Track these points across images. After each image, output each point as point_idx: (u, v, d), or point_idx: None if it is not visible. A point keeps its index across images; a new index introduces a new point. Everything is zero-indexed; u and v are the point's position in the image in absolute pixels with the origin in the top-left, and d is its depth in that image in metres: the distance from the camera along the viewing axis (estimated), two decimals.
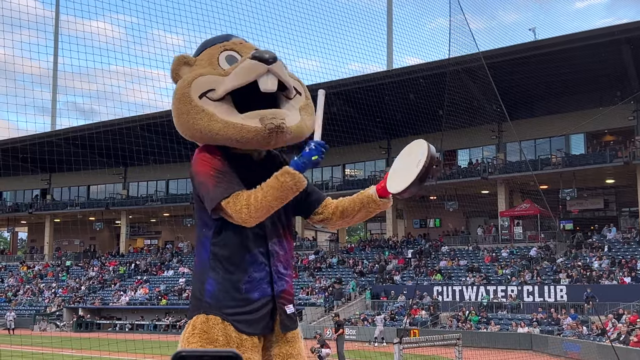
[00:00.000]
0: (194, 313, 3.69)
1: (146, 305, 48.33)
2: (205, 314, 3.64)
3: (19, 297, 55.14)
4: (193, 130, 3.73)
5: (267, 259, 3.75)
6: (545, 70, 38.83)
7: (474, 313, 35.54)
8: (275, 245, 3.80)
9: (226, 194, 3.52)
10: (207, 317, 3.63)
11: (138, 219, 64.43)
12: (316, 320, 39.65)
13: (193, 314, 3.69)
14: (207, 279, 3.68)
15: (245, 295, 3.67)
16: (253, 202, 3.49)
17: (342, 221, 3.90)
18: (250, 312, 3.66)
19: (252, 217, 3.51)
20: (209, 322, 3.63)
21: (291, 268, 3.95)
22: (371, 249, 50.08)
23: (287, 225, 3.92)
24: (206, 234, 3.74)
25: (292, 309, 3.86)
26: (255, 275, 3.69)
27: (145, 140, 40.89)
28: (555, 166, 42.39)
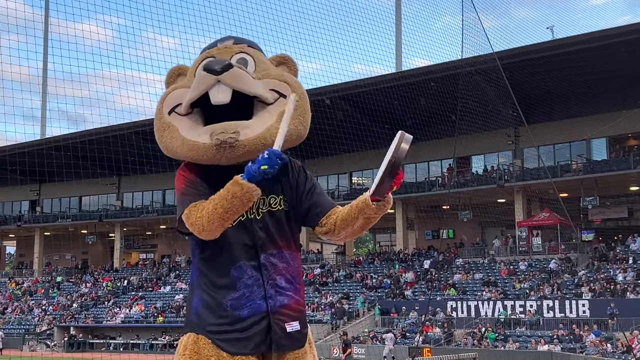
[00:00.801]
0: (184, 331, 3.76)
1: (142, 323, 48.23)
2: (196, 333, 3.66)
3: (7, 315, 55.14)
4: (162, 147, 3.86)
5: (260, 272, 3.69)
6: (564, 70, 38.77)
7: (490, 330, 35.37)
8: (272, 257, 3.74)
9: (185, 207, 3.58)
10: (197, 336, 3.65)
11: (133, 232, 64.44)
12: (322, 338, 39.51)
13: (183, 332, 3.77)
14: (194, 296, 3.72)
15: (231, 312, 3.63)
16: (205, 213, 3.49)
17: (344, 232, 3.79)
18: (239, 330, 3.62)
19: (205, 230, 3.51)
20: (200, 341, 3.64)
21: (298, 281, 3.87)
22: (380, 261, 49.96)
23: (291, 236, 3.86)
24: (194, 251, 3.77)
25: (295, 327, 3.76)
26: (243, 291, 3.65)
27: (140, 149, 40.90)
28: (575, 173, 42.26)
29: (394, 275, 45.45)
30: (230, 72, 3.62)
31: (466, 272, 43.76)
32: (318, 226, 3.87)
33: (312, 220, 3.87)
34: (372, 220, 3.69)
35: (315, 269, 50.06)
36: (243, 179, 3.41)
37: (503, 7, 56.54)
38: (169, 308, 48.74)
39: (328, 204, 3.89)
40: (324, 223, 3.84)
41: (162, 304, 49.87)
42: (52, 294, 57.68)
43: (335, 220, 3.80)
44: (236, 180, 3.43)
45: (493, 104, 37.55)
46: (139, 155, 38.67)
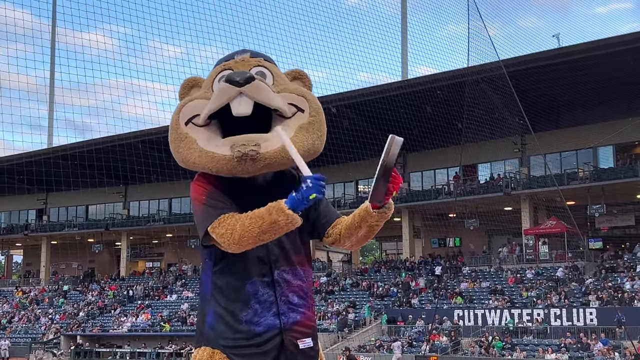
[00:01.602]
0: (198, 345, 3.70)
1: (148, 332, 48.24)
2: (211, 348, 3.62)
3: (13, 324, 55.20)
4: (178, 158, 3.80)
5: (273, 289, 3.70)
6: (571, 78, 38.75)
7: (497, 338, 35.26)
8: (285, 273, 3.75)
9: (212, 219, 3.52)
10: (213, 351, 3.62)
11: (139, 241, 64.49)
12: (329, 347, 39.43)
13: (197, 346, 3.71)
14: (208, 310, 3.68)
15: (246, 327, 3.62)
16: (239, 228, 3.45)
17: (349, 240, 3.80)
18: (255, 345, 3.61)
19: (235, 244, 3.47)
20: (215, 356, 3.61)
21: (310, 297, 3.89)
22: (387, 270, 49.90)
23: (303, 250, 3.87)
24: (208, 263, 3.74)
25: (308, 343, 3.77)
26: (256, 307, 3.65)
27: (146, 158, 41.04)
28: (582, 181, 42.16)
29: (403, 282, 45.37)
30: (253, 85, 3.62)
31: (473, 280, 43.66)
32: (325, 237, 3.90)
33: (319, 231, 3.90)
34: (376, 228, 3.69)
35: (321, 277, 50.02)
36: (288, 207, 3.41)
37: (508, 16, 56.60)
38: (176, 317, 48.75)
39: (333, 214, 3.92)
40: (330, 233, 3.87)
41: (169, 313, 49.89)
42: (57, 303, 57.69)
43: (340, 229, 3.82)
44: (282, 208, 3.41)
45: (499, 111, 37.53)
46: (146, 164, 38.80)
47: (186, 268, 58.62)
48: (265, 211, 3.44)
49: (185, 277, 57.25)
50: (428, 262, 48.90)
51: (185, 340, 44.87)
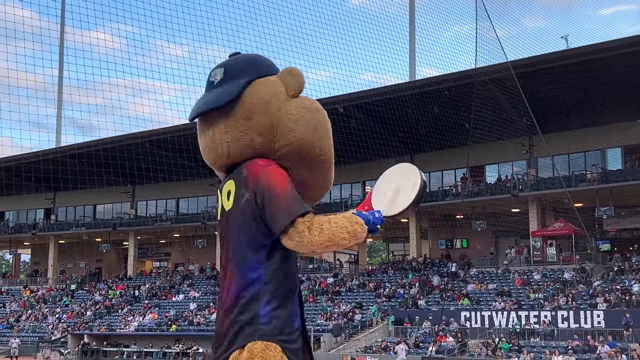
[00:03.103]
0: (248, 340, 3.55)
1: (155, 331, 48.35)
2: (264, 341, 3.54)
3: (21, 322, 55.41)
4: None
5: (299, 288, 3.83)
6: (579, 80, 38.68)
7: (504, 340, 35.20)
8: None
9: (304, 210, 3.47)
10: (266, 344, 3.53)
11: (147, 240, 64.67)
12: (335, 348, 39.46)
13: (247, 341, 3.55)
14: (261, 304, 3.58)
15: (295, 323, 3.68)
16: (326, 230, 3.44)
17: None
18: (296, 341, 3.65)
19: (315, 245, 3.45)
20: (269, 350, 3.52)
21: None
22: (394, 271, 49.88)
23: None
24: (258, 255, 3.62)
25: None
26: (296, 303, 3.74)
27: (154, 157, 41.15)
28: (590, 182, 42.06)
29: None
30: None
31: (480, 282, 43.61)
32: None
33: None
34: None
35: (328, 278, 50.03)
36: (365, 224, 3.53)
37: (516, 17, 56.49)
38: (182, 317, 48.84)
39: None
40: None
41: (175, 313, 49.99)
42: (64, 302, 57.85)
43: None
44: (361, 223, 3.50)
45: (507, 113, 37.47)
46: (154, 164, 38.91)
47: (193, 268, 58.73)
48: (345, 220, 3.49)
49: (192, 277, 57.36)
50: (435, 262, 48.88)
51: (192, 340, 44.97)
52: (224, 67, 3.86)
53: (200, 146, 3.91)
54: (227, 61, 3.92)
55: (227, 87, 3.79)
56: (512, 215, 46.45)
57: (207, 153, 3.89)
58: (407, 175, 3.85)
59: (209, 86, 3.87)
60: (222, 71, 3.85)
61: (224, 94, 3.77)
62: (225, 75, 3.82)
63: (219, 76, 3.83)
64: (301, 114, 3.82)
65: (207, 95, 3.84)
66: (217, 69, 3.88)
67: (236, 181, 3.68)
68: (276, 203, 3.50)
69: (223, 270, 3.76)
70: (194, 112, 3.86)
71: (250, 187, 3.58)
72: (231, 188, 3.70)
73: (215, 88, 3.81)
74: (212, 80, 3.86)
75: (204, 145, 3.88)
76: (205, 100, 3.81)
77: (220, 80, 3.82)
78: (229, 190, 3.71)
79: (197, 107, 3.84)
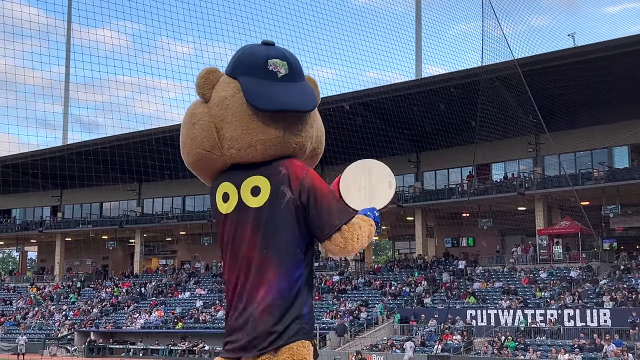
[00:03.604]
0: (295, 338, 3.54)
1: (161, 329, 48.46)
2: (308, 340, 3.59)
3: (27, 320, 55.59)
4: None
5: None
6: (586, 78, 38.57)
7: (510, 339, 35.16)
8: None
9: (351, 216, 3.63)
10: (309, 343, 3.59)
11: (153, 238, 64.79)
12: (341, 345, 39.47)
13: (294, 339, 3.54)
14: (304, 301, 3.61)
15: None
16: (361, 237, 3.62)
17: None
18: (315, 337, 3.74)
19: (353, 251, 3.64)
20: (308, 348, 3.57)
21: None
22: (400, 269, 49.85)
23: None
24: (299, 254, 3.63)
25: None
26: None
27: (160, 155, 41.21)
28: (597, 181, 41.95)
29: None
30: None
31: (486, 280, 43.55)
32: None
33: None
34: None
35: (334, 276, 50.04)
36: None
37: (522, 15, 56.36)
38: (188, 314, 48.92)
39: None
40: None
41: (182, 310, 50.07)
42: (70, 299, 57.98)
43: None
44: (373, 224, 3.69)
45: (514, 110, 37.40)
46: (160, 161, 38.96)
47: (199, 266, 58.82)
48: (366, 224, 3.67)
49: (199, 274, 57.44)
50: (441, 261, 48.85)
51: (198, 337, 45.05)
52: (287, 62, 3.71)
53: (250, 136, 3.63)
54: (283, 53, 3.73)
55: (308, 89, 3.78)
56: (518, 214, 46.38)
57: (261, 146, 3.63)
58: (376, 171, 3.87)
59: (269, 76, 3.65)
60: (285, 65, 3.70)
61: (312, 97, 3.77)
62: (289, 71, 3.70)
63: (283, 70, 3.68)
64: (323, 127, 3.99)
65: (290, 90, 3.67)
66: (278, 60, 3.69)
67: (271, 179, 3.61)
68: (326, 207, 3.58)
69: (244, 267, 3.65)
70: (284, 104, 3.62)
71: (294, 187, 3.57)
72: (260, 184, 3.62)
73: (285, 83, 3.66)
74: (273, 71, 3.66)
75: (264, 138, 3.63)
76: (296, 98, 3.66)
77: (285, 75, 3.68)
78: (255, 186, 3.63)
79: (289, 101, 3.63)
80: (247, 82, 3.64)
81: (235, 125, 3.65)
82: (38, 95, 27.80)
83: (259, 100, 3.59)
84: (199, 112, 3.76)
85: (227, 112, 3.66)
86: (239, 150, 3.65)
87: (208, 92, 3.75)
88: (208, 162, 3.81)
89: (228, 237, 3.72)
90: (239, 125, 3.64)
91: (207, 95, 3.75)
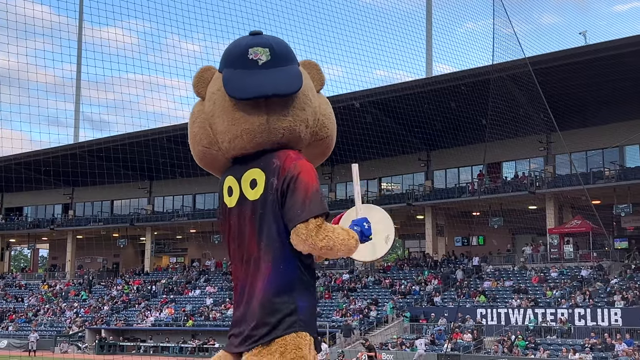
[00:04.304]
0: (290, 330, 3.54)
1: (171, 326, 48.62)
2: (304, 332, 3.57)
3: (39, 317, 55.89)
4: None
5: None
6: (597, 76, 38.40)
7: (520, 338, 35.08)
8: None
9: (321, 211, 3.50)
10: (305, 335, 3.57)
11: (163, 236, 64.99)
12: (351, 344, 39.49)
13: (288, 331, 3.54)
14: (299, 294, 3.60)
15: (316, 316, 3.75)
16: (330, 238, 3.49)
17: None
18: (317, 332, 3.70)
19: (315, 248, 3.49)
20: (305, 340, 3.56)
21: None
22: (409, 268, 49.81)
23: None
24: (289, 245, 3.61)
25: None
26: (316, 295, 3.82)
27: (171, 153, 41.30)
28: (608, 180, 41.79)
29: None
30: None
31: (496, 279, 43.47)
32: None
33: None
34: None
35: (344, 274, 50.04)
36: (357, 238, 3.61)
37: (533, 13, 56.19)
38: (198, 312, 49.05)
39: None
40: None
41: (192, 308, 50.22)
42: (82, 296, 58.24)
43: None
44: (357, 239, 3.58)
45: (525, 109, 37.30)
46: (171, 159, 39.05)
47: (210, 263, 58.97)
48: (345, 234, 3.55)
49: (209, 272, 57.59)
50: (451, 260, 48.76)
51: (208, 335, 45.17)
52: (269, 48, 3.68)
53: (236, 127, 3.65)
54: (266, 40, 3.72)
55: (292, 72, 3.69)
56: (529, 213, 46.25)
57: (247, 136, 3.64)
58: (381, 223, 3.90)
59: (250, 65, 3.64)
60: (267, 52, 3.67)
61: (296, 79, 3.67)
62: (271, 58, 3.66)
63: (264, 57, 3.65)
64: (330, 111, 3.93)
65: (269, 76, 3.62)
66: (259, 47, 3.67)
67: (265, 171, 3.61)
68: (298, 196, 3.50)
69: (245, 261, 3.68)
70: (259, 91, 3.59)
71: (280, 177, 3.56)
72: (257, 177, 3.63)
73: (266, 70, 3.63)
74: (254, 59, 3.64)
75: (248, 127, 3.63)
76: (275, 82, 3.60)
77: (267, 62, 3.65)
78: (253, 179, 3.64)
79: (264, 87, 3.59)
80: (227, 73, 3.68)
81: (222, 119, 3.69)
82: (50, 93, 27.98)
83: (235, 90, 3.61)
84: (196, 110, 3.84)
85: (216, 107, 3.71)
86: (229, 142, 3.69)
87: (202, 90, 3.80)
88: (211, 158, 3.87)
89: (233, 232, 3.75)
90: (225, 118, 3.67)
91: (202, 93, 3.81)
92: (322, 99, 3.90)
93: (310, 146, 3.86)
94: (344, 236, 3.52)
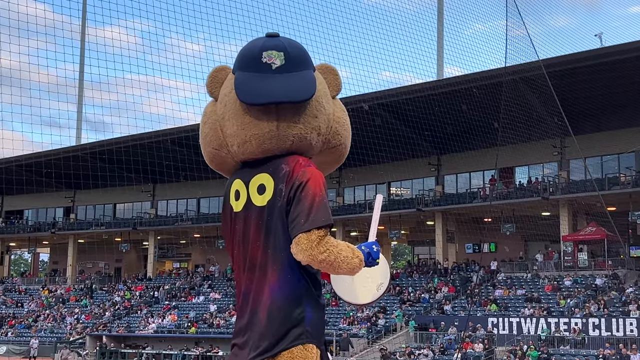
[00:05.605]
0: (298, 341, 3.52)
1: (174, 333, 48.62)
2: (311, 344, 3.54)
3: (39, 323, 55.98)
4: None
5: None
6: (613, 79, 38.31)
7: (533, 348, 34.95)
8: None
9: (325, 223, 3.44)
10: (312, 347, 3.54)
11: (167, 240, 65.05)
12: (358, 352, 39.42)
13: (296, 342, 3.52)
14: (306, 304, 3.57)
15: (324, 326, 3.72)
16: (331, 253, 3.43)
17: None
18: (324, 343, 3.67)
19: (314, 260, 3.43)
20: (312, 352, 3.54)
21: None
22: (419, 275, 49.70)
23: None
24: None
25: None
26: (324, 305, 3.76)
27: (175, 156, 41.40)
28: (624, 186, 41.65)
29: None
30: None
31: (508, 287, 43.33)
32: None
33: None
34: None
35: None
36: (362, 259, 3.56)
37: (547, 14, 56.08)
38: (202, 319, 49.04)
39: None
40: None
41: (195, 314, 50.21)
42: (82, 302, 58.32)
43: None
44: (361, 259, 3.52)
45: (538, 113, 37.22)
46: (175, 162, 39.16)
47: (214, 269, 58.97)
48: (350, 251, 3.50)
49: (213, 278, 57.58)
50: (462, 267, 48.64)
51: (211, 342, 45.13)
52: (284, 53, 3.64)
53: (245, 132, 3.65)
54: (281, 44, 3.68)
55: (306, 78, 3.66)
56: (542, 219, 46.11)
57: (256, 141, 3.63)
58: (378, 270, 3.83)
59: (263, 69, 3.62)
60: (281, 56, 3.63)
61: (309, 85, 3.64)
62: (285, 62, 3.63)
63: (278, 61, 3.62)
64: (344, 119, 3.90)
65: (281, 81, 3.60)
66: (274, 51, 3.64)
67: (274, 176, 3.58)
68: (304, 205, 3.46)
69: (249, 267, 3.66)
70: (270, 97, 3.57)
71: (288, 184, 3.52)
72: (265, 182, 3.60)
73: (280, 74, 3.60)
74: (267, 63, 3.62)
75: (257, 133, 3.61)
76: (287, 88, 3.58)
77: (280, 66, 3.62)
78: (261, 184, 3.61)
79: (275, 93, 3.57)
80: (240, 77, 3.66)
81: (232, 122, 3.68)
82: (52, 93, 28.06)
83: (246, 95, 3.59)
84: (209, 111, 3.84)
85: (227, 109, 3.71)
86: (238, 146, 3.69)
87: (216, 90, 3.80)
88: (220, 161, 3.86)
89: (238, 236, 3.73)
90: (235, 122, 3.67)
91: (215, 94, 3.81)
92: (337, 106, 3.87)
93: (322, 154, 3.84)
94: (347, 253, 3.47)
